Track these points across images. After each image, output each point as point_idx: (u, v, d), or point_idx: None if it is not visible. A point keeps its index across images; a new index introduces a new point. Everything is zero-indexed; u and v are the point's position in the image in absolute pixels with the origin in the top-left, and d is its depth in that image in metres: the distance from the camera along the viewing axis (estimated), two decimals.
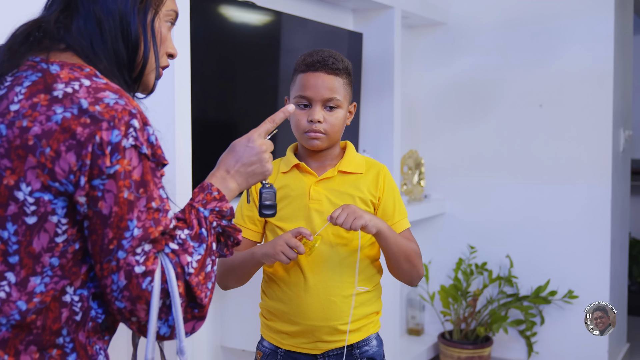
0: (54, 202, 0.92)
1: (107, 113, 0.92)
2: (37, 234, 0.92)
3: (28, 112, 0.93)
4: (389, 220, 1.55)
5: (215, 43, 2.32)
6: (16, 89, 0.96)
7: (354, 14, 3.20)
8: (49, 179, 0.91)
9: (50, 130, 0.91)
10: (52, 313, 0.94)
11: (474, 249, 3.43)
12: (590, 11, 3.16)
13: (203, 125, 2.26)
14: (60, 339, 0.95)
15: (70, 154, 0.90)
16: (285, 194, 1.55)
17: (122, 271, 0.92)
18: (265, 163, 1.16)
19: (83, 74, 0.97)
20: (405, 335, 3.57)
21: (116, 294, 0.93)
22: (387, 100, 3.10)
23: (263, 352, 1.60)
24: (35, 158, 0.91)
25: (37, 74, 0.97)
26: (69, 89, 0.94)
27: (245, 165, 1.14)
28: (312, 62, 1.51)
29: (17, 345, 0.93)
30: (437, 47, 3.55)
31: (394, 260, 1.53)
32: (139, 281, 0.93)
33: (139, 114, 0.95)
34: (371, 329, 1.58)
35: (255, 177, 1.16)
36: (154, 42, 1.07)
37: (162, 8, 1.09)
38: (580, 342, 3.19)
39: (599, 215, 3.17)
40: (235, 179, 1.14)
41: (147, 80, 1.10)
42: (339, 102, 1.51)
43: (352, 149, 1.60)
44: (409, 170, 3.47)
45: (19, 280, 0.92)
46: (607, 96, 3.14)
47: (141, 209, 0.93)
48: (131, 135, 0.93)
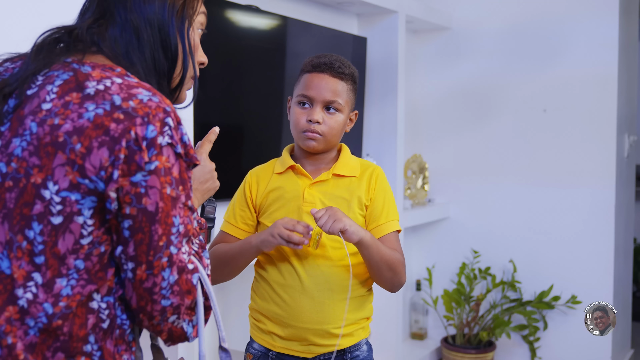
0: (80, 202, 0.91)
1: (141, 109, 0.91)
2: (62, 235, 0.91)
3: (60, 110, 0.92)
4: (375, 221, 1.53)
5: (220, 47, 2.34)
6: (48, 87, 0.96)
7: (358, 19, 3.21)
8: (78, 175, 0.90)
9: (82, 127, 0.90)
10: (78, 319, 0.93)
11: (478, 254, 3.43)
12: (594, 16, 3.16)
13: (207, 129, 2.27)
14: (88, 346, 0.94)
15: (103, 149, 0.89)
16: (279, 196, 1.54)
17: (175, 267, 0.94)
18: (215, 180, 1.25)
19: (114, 73, 0.97)
20: (409, 340, 3.57)
21: (165, 291, 0.94)
22: (391, 105, 3.11)
23: (253, 354, 1.57)
24: (64, 155, 0.90)
25: (69, 73, 0.96)
26: (100, 86, 0.93)
27: (201, 183, 1.22)
28: (318, 63, 1.52)
29: (45, 352, 0.92)
30: (441, 52, 3.55)
31: (375, 269, 1.49)
32: (189, 277, 0.96)
33: (172, 112, 0.95)
34: (362, 334, 1.56)
35: (209, 192, 1.24)
36: (191, 52, 1.08)
37: (195, 17, 1.10)
38: (583, 347, 3.18)
39: (602, 220, 3.17)
40: (195, 197, 1.21)
41: (183, 91, 1.12)
42: (340, 106, 1.51)
43: (347, 152, 1.59)
44: (412, 174, 3.47)
45: (45, 282, 0.91)
46: (611, 101, 3.14)
47: (181, 205, 0.95)
48: (167, 133, 0.93)
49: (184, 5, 1.06)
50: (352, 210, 1.52)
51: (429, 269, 3.48)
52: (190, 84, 1.12)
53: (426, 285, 3.55)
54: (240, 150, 2.50)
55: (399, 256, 1.52)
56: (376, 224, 1.53)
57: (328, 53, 1.56)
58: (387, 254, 1.48)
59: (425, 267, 3.53)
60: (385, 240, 1.52)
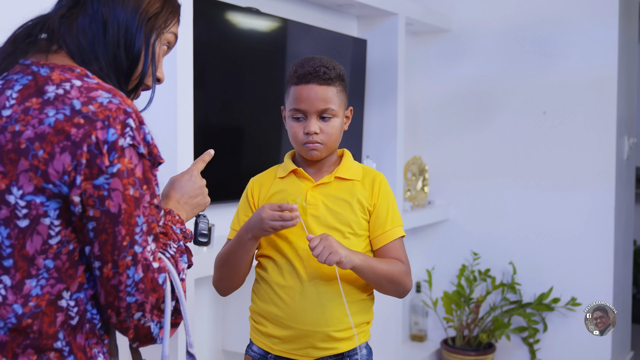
0: (46, 204, 0.93)
1: (101, 113, 0.93)
2: (30, 237, 0.93)
3: (21, 116, 0.93)
4: (380, 228, 1.54)
5: (220, 49, 2.34)
6: (7, 92, 0.97)
7: (358, 21, 3.22)
8: (42, 180, 0.92)
9: (43, 133, 0.92)
10: (47, 317, 0.94)
11: (477, 256, 3.43)
12: (594, 18, 3.16)
13: (206, 130, 2.28)
14: (58, 343, 0.95)
15: (65, 154, 0.91)
16: (281, 199, 1.54)
17: (140, 265, 0.96)
18: (206, 195, 1.28)
19: (74, 75, 0.98)
20: (408, 341, 3.57)
21: (130, 288, 0.96)
22: (391, 107, 3.12)
23: (252, 356, 1.57)
24: (27, 161, 0.92)
25: (28, 77, 0.97)
26: (60, 90, 0.94)
27: (191, 197, 1.26)
28: (303, 73, 1.50)
29: (15, 349, 0.94)
30: (440, 54, 3.56)
31: (376, 285, 1.52)
32: (155, 276, 0.98)
33: (134, 112, 0.96)
34: (362, 338, 1.56)
35: (198, 207, 1.27)
36: (153, 62, 1.10)
37: (165, 32, 1.12)
38: (583, 349, 3.18)
39: (602, 222, 3.17)
40: (184, 209, 1.24)
41: (139, 93, 1.14)
42: (334, 111, 1.51)
43: (349, 157, 1.60)
44: (412, 176, 3.47)
45: (15, 284, 0.93)
46: (611, 103, 3.14)
47: (145, 204, 0.96)
48: (128, 134, 0.94)
49: (156, 16, 1.09)
50: (354, 212, 1.53)
51: (428, 271, 3.48)
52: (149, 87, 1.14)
53: (426, 287, 3.56)
54: (240, 152, 2.50)
55: (400, 266, 1.53)
56: (382, 231, 1.54)
57: (310, 57, 1.54)
58: (383, 271, 1.49)
59: (425, 269, 3.54)
60: (390, 247, 1.54)
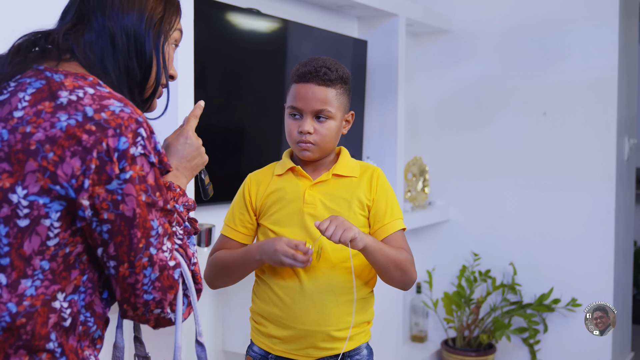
0: (48, 205, 0.93)
1: (113, 121, 0.94)
2: (28, 237, 0.93)
3: (32, 119, 0.94)
4: (380, 221, 1.53)
5: (221, 50, 2.34)
6: (19, 94, 0.98)
7: (358, 22, 3.22)
8: (49, 182, 0.93)
9: (54, 137, 0.93)
10: (40, 317, 0.95)
11: (478, 256, 3.43)
12: (594, 19, 3.16)
13: (207, 131, 2.28)
14: (50, 344, 0.96)
15: (75, 159, 0.92)
16: (279, 197, 1.54)
17: (156, 265, 0.99)
18: (203, 154, 1.28)
19: (87, 82, 0.99)
20: (409, 342, 3.57)
21: (147, 286, 0.99)
22: (391, 107, 3.12)
23: (253, 357, 1.58)
24: (36, 162, 0.92)
25: (41, 81, 0.98)
26: (73, 96, 0.96)
27: (189, 160, 1.25)
28: (304, 72, 1.50)
29: (7, 349, 0.94)
30: (441, 55, 3.56)
31: (383, 271, 1.50)
32: (170, 273, 1.01)
33: (145, 122, 0.98)
34: (362, 339, 1.56)
35: (197, 168, 1.28)
36: (164, 65, 1.11)
37: (171, 33, 1.13)
38: (583, 350, 3.18)
39: (602, 223, 3.17)
40: (184, 174, 1.24)
41: (155, 100, 1.15)
42: (331, 113, 1.50)
43: (346, 154, 1.60)
44: (413, 177, 3.47)
45: (10, 282, 0.94)
46: (611, 104, 3.14)
47: (158, 209, 0.99)
48: (140, 143, 0.96)
49: (161, 20, 1.09)
50: (352, 210, 1.52)
51: (429, 272, 3.48)
52: (161, 93, 1.16)
53: (426, 287, 3.56)
54: (240, 152, 2.50)
55: (406, 255, 1.52)
56: (381, 224, 1.53)
57: (316, 57, 1.54)
58: (392, 255, 1.48)
59: (426, 270, 3.54)
60: (392, 239, 1.53)
